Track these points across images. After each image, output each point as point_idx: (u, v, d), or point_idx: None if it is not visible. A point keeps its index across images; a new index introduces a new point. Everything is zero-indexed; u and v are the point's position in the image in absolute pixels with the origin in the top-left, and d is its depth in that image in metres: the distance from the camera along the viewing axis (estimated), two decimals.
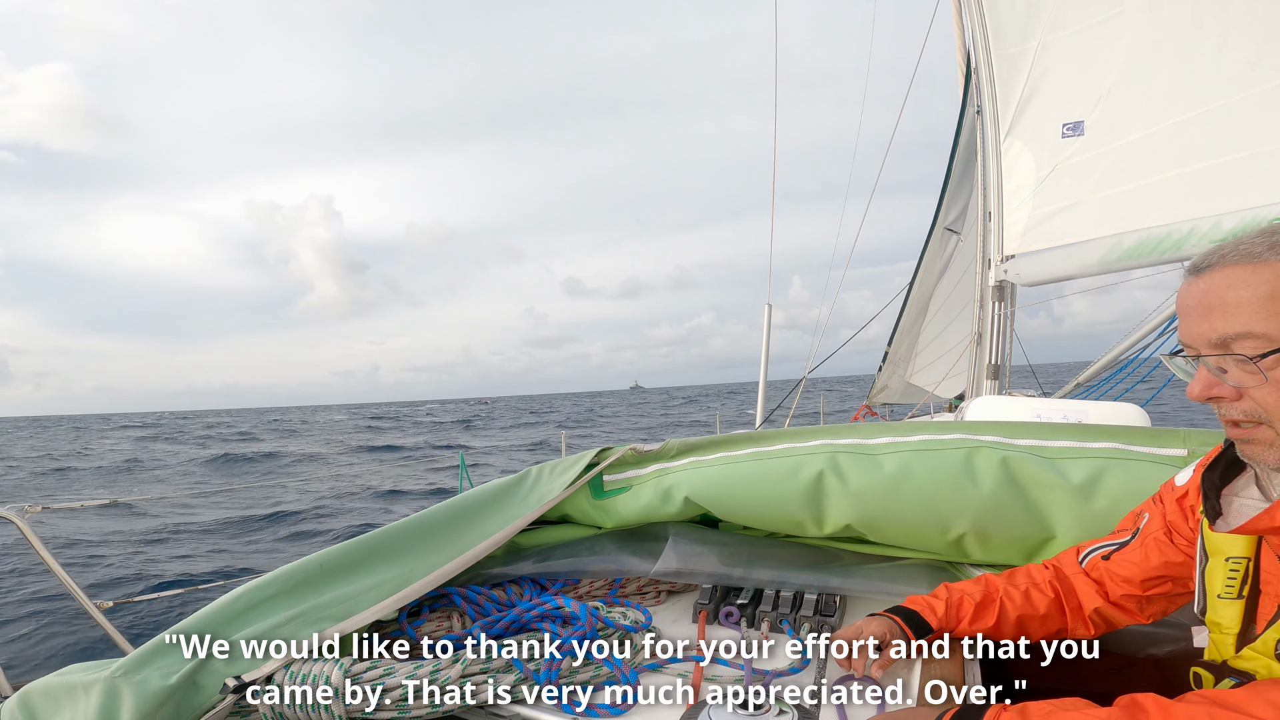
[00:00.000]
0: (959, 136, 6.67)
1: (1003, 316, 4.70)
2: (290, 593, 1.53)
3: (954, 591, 1.51)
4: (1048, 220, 4.44)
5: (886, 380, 7.48)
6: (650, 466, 2.02)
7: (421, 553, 1.71)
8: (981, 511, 1.70)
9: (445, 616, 1.72)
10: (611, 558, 1.91)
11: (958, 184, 6.82)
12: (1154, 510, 1.37)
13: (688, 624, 1.79)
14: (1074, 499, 1.66)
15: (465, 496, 1.89)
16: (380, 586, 1.59)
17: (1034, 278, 4.40)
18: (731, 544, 1.95)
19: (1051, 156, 4.44)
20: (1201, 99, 3.87)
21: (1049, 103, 4.48)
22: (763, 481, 1.87)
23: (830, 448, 1.86)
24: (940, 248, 6.93)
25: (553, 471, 2.01)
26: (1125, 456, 1.68)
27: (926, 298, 7.17)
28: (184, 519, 12.00)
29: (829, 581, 1.78)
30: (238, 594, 1.51)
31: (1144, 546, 1.35)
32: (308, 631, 1.46)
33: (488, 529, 1.80)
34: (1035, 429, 1.80)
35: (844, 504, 1.79)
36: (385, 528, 1.74)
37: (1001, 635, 1.47)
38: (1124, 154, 4.15)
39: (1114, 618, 1.42)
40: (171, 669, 1.35)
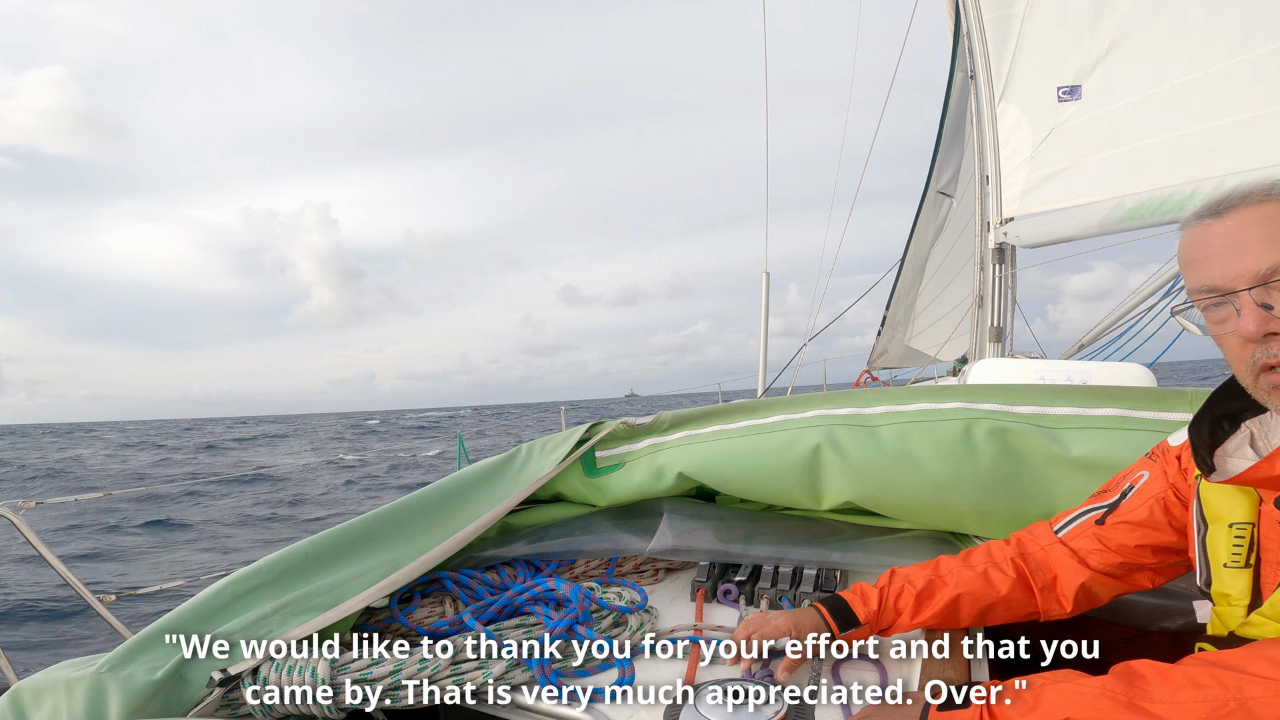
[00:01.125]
0: (948, 100, 6.58)
1: (1003, 279, 4.65)
2: (275, 583, 1.49)
3: (897, 579, 1.39)
4: (1046, 183, 4.39)
5: (885, 345, 7.43)
6: (643, 441, 1.98)
7: (410, 536, 1.66)
8: (981, 487, 1.65)
9: (438, 601, 1.69)
10: (606, 536, 1.86)
11: (948, 147, 6.75)
12: (1153, 468, 1.27)
13: (686, 602, 1.76)
14: (1075, 472, 1.60)
15: (454, 477, 1.85)
16: (368, 573, 1.55)
17: (1034, 239, 4.35)
18: (728, 519, 1.91)
19: (1048, 119, 4.39)
20: (1198, 61, 3.82)
21: (1041, 65, 4.43)
22: (758, 457, 1.82)
23: (827, 419, 1.81)
24: (934, 211, 6.86)
25: (543, 449, 1.96)
26: (1128, 425, 1.62)
27: (922, 261, 7.10)
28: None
29: (829, 556, 1.73)
30: (222, 585, 1.47)
31: (1148, 507, 1.24)
32: (295, 622, 1.42)
33: (478, 510, 1.76)
34: (1037, 394, 1.74)
35: (842, 479, 1.75)
36: (372, 512, 1.69)
37: (958, 624, 1.36)
38: (1122, 116, 4.10)
39: (1099, 590, 1.31)
40: (157, 663, 1.31)
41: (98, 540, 10.81)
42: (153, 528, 11.85)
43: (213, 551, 10.07)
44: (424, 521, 1.70)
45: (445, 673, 1.37)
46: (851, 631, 1.33)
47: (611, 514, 1.96)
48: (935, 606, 1.33)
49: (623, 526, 1.89)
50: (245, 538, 11.20)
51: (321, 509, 14.29)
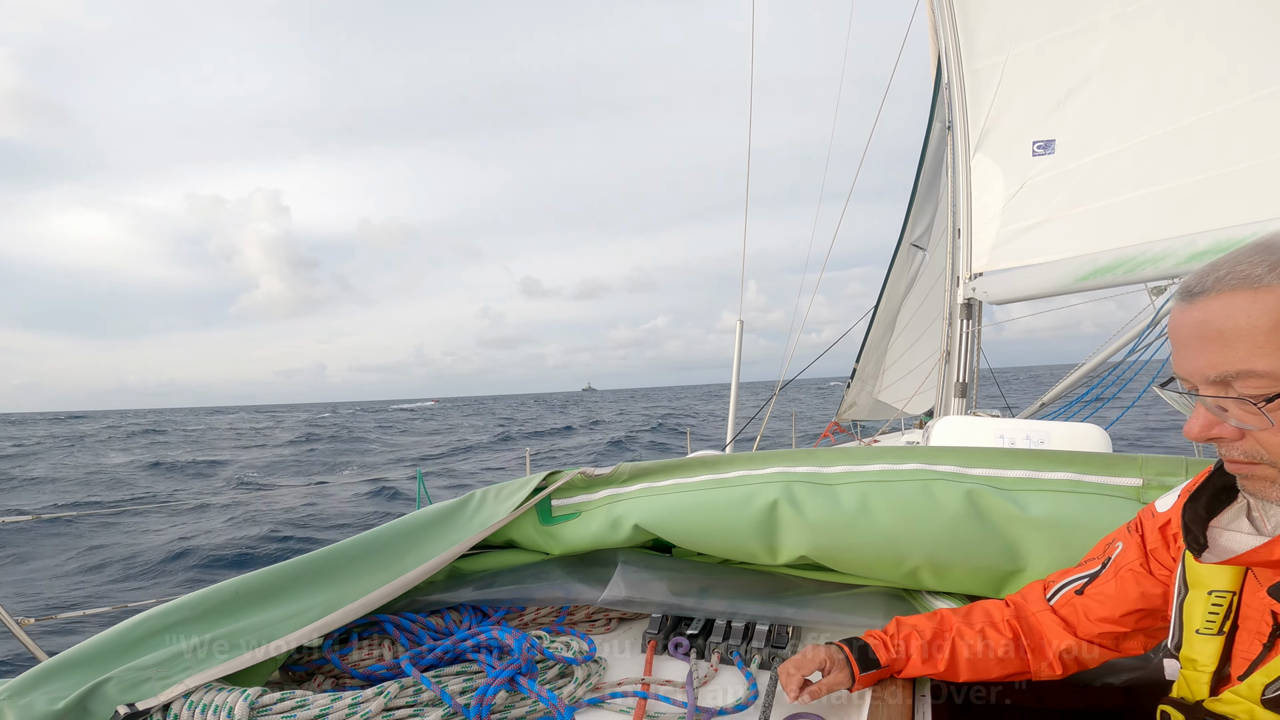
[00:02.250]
0: (925, 151, 6.67)
1: (970, 334, 4.67)
2: (199, 619, 1.43)
3: (904, 627, 1.43)
4: (1016, 238, 4.43)
5: (855, 397, 7.45)
6: (601, 491, 1.95)
7: (352, 578, 1.60)
8: (938, 544, 1.66)
9: (376, 644, 1.62)
10: (559, 584, 1.82)
11: (923, 199, 6.83)
12: (1129, 539, 1.28)
13: (636, 654, 1.71)
14: (1030, 530, 1.61)
15: (404, 520, 1.80)
16: (302, 614, 1.49)
17: (1002, 296, 4.38)
18: (684, 571, 1.87)
19: (1021, 173, 4.42)
20: (1171, 116, 3.87)
21: (1018, 119, 4.46)
22: (716, 510, 1.81)
23: (786, 476, 1.81)
24: (906, 264, 6.92)
25: (498, 495, 1.93)
26: (1078, 489, 1.65)
27: (893, 314, 7.15)
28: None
29: (782, 612, 1.71)
30: (140, 619, 1.41)
31: (1119, 578, 1.26)
32: (216, 660, 1.36)
33: (426, 554, 1.71)
34: (993, 457, 1.76)
35: (799, 534, 1.74)
36: (313, 553, 1.64)
37: (955, 677, 1.40)
38: (1093, 171, 4.14)
39: (1086, 656, 1.34)
40: (60, 694, 1.25)
41: None
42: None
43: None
44: (368, 564, 1.65)
45: (377, 716, 1.31)
46: (870, 674, 1.39)
47: (565, 562, 1.92)
48: (940, 657, 1.39)
49: (576, 575, 1.85)
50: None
51: None
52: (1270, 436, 0.88)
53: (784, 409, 9.78)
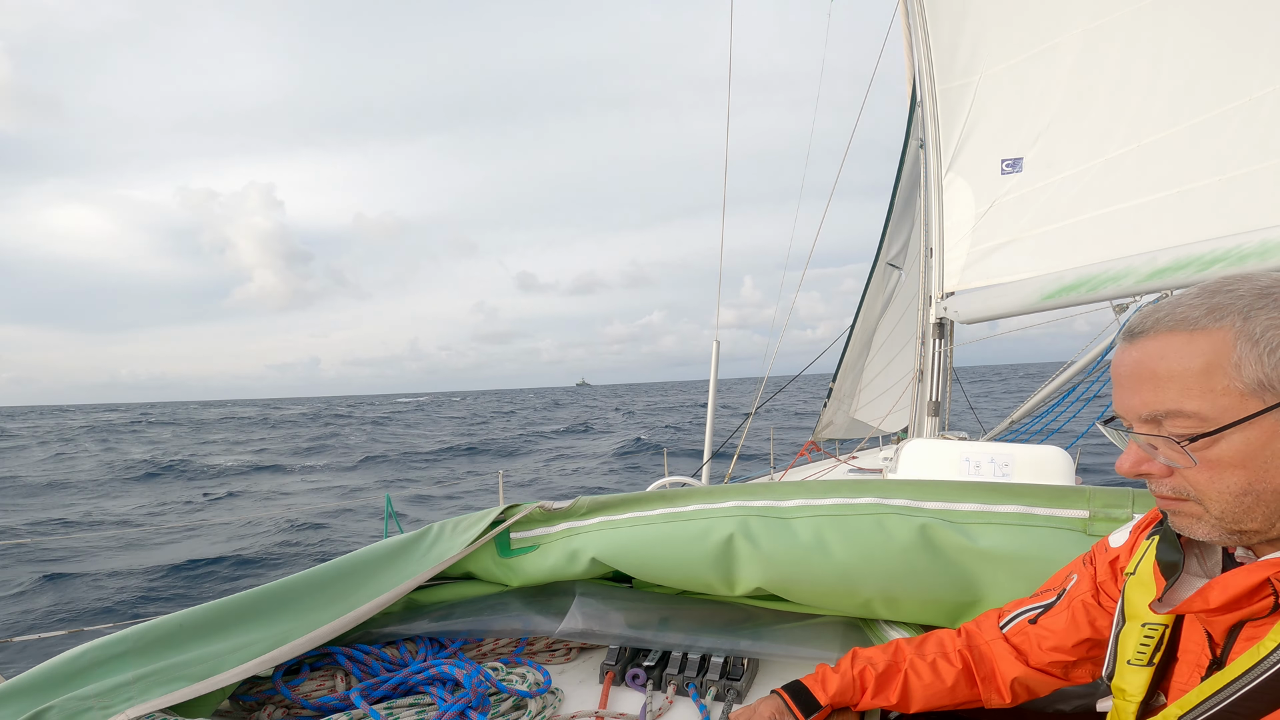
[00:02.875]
0: (901, 169, 6.71)
1: (943, 354, 4.70)
2: (143, 651, 1.41)
3: (859, 660, 1.44)
4: (986, 257, 4.45)
5: (831, 416, 7.48)
6: (559, 525, 1.96)
7: (303, 611, 1.59)
8: (891, 576, 1.68)
9: (329, 675, 1.61)
10: (517, 615, 1.83)
11: (899, 218, 6.87)
12: (1083, 572, 1.31)
13: (595, 685, 1.71)
14: (981, 562, 1.64)
15: (358, 553, 1.79)
16: (251, 646, 1.47)
17: (972, 315, 4.41)
18: (642, 603, 1.88)
19: (991, 192, 4.44)
20: (1133, 134, 3.90)
21: (988, 138, 4.48)
22: (673, 544, 1.82)
23: (742, 510, 1.82)
24: (883, 283, 6.97)
25: (455, 529, 1.93)
26: (1027, 521, 1.67)
27: (870, 333, 7.19)
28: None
29: (738, 644, 1.72)
30: (81, 651, 1.39)
31: (1070, 609, 1.29)
32: (159, 691, 1.33)
33: (380, 587, 1.70)
34: (945, 490, 1.78)
35: (754, 567, 1.75)
36: (262, 586, 1.62)
37: (907, 709, 1.41)
38: (1059, 190, 4.16)
39: (1036, 685, 1.37)
40: None
41: None
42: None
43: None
44: (319, 596, 1.64)
45: None
46: (814, 716, 1.39)
47: (524, 593, 1.92)
48: (893, 689, 1.40)
49: (535, 606, 1.85)
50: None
51: None
52: (1196, 474, 0.90)
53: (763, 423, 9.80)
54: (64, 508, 17.60)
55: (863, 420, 7.46)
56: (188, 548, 11.95)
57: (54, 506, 17.95)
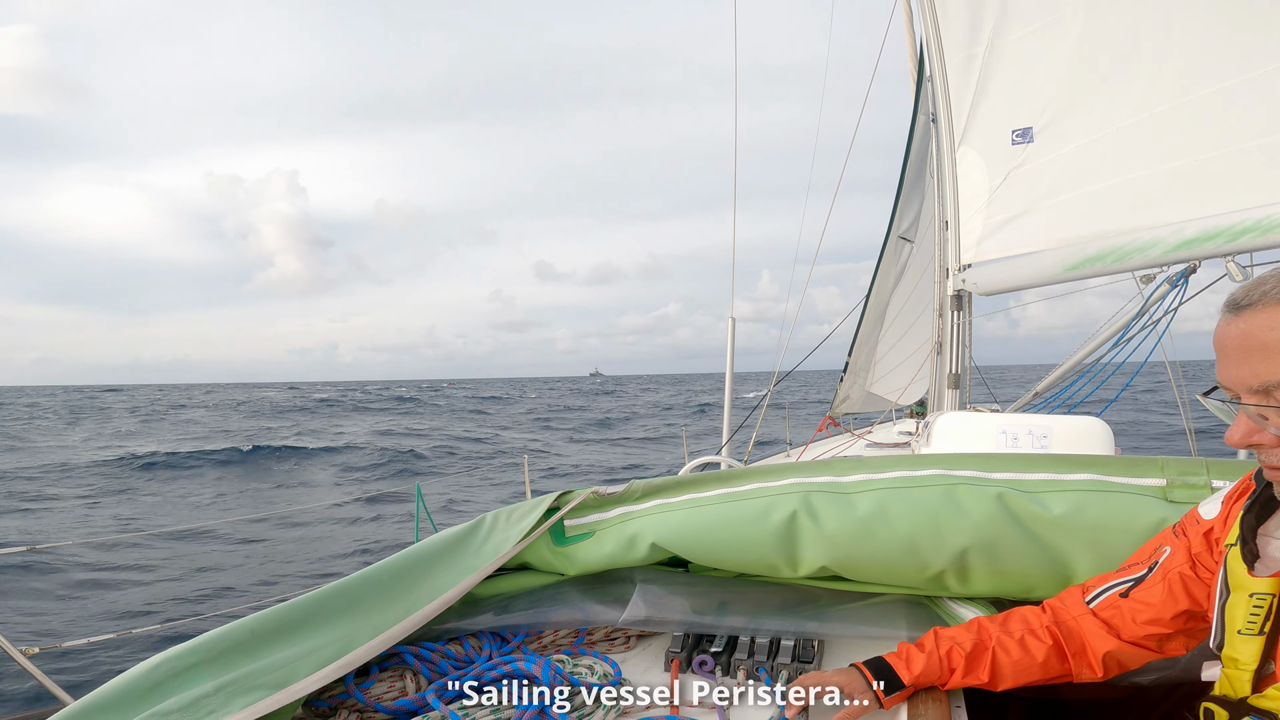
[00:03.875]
0: (910, 143, 6.67)
1: (962, 326, 4.69)
2: (216, 660, 1.39)
3: (943, 640, 1.43)
4: (1002, 228, 4.42)
5: (848, 390, 7.46)
6: (614, 510, 1.92)
7: (367, 611, 1.58)
8: (964, 549, 1.65)
9: (398, 676, 1.60)
10: (576, 606, 1.80)
11: (910, 191, 6.84)
12: (1176, 544, 1.31)
13: (659, 672, 1.69)
14: (1058, 531, 1.61)
15: (414, 549, 1.77)
16: (321, 650, 1.46)
17: (991, 287, 4.39)
18: (701, 587, 1.86)
19: (1003, 164, 4.41)
20: (1144, 104, 3.86)
21: (998, 108, 4.44)
22: (733, 525, 1.79)
23: (803, 487, 1.79)
24: (895, 256, 6.93)
25: (509, 519, 1.90)
26: (1104, 488, 1.64)
27: (883, 307, 7.16)
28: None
29: (805, 625, 1.69)
30: (155, 662, 1.37)
31: (1166, 582, 1.29)
32: (239, 702, 1.32)
33: (440, 583, 1.68)
34: (1011, 461, 1.76)
35: (818, 546, 1.73)
36: (325, 587, 1.61)
37: (996, 687, 1.40)
38: (1072, 160, 4.12)
39: (1128, 659, 1.37)
40: None
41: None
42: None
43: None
44: (383, 595, 1.62)
45: None
46: (895, 695, 1.38)
47: (581, 583, 1.90)
48: (982, 667, 1.39)
49: (593, 596, 1.83)
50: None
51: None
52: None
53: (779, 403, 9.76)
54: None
55: (879, 394, 7.45)
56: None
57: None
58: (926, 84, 5.40)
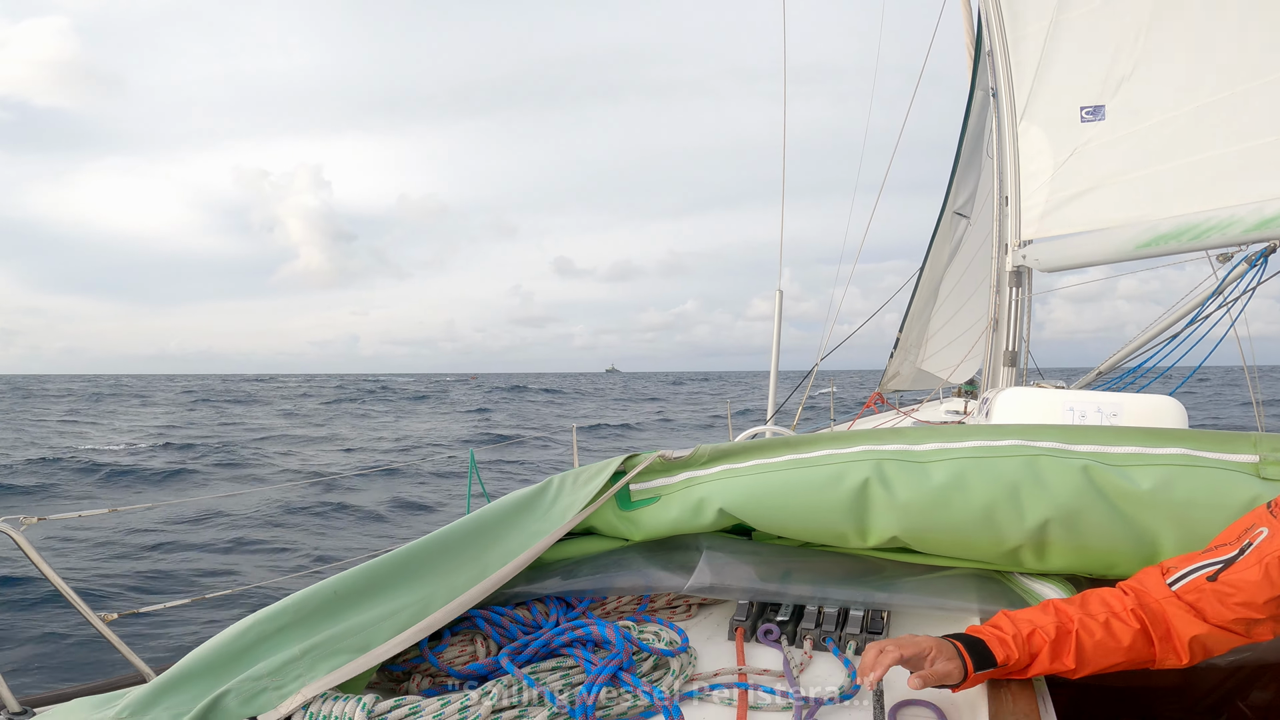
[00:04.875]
0: (967, 119, 6.53)
1: (1019, 302, 4.59)
2: (303, 622, 1.42)
3: (1021, 624, 1.35)
4: (1066, 205, 4.33)
5: (898, 367, 7.35)
6: (679, 475, 1.89)
7: (442, 574, 1.59)
8: (1042, 522, 1.59)
9: (469, 640, 1.62)
10: (640, 572, 1.79)
11: (965, 167, 6.69)
12: (1274, 524, 1.24)
13: (722, 641, 1.69)
14: (1146, 507, 1.54)
15: (484, 512, 1.78)
16: (399, 614, 1.48)
17: (1054, 263, 4.30)
18: (766, 555, 1.84)
19: (1070, 140, 4.32)
20: (1225, 82, 3.77)
21: (1064, 85, 4.36)
22: (802, 491, 1.75)
23: (875, 454, 1.73)
24: (950, 232, 6.79)
25: (575, 481, 1.88)
26: (1194, 463, 1.57)
27: (936, 283, 7.03)
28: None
29: (873, 596, 1.67)
30: (246, 625, 1.40)
31: (1263, 565, 1.22)
32: (324, 666, 1.35)
33: (510, 546, 1.69)
34: (1095, 433, 1.69)
35: (890, 515, 1.68)
36: (400, 549, 1.63)
37: (1079, 673, 1.34)
38: (1145, 138, 4.04)
39: (1215, 643, 1.30)
40: (181, 708, 1.25)
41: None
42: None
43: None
44: (455, 559, 1.63)
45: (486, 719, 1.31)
46: (985, 672, 1.30)
47: (645, 549, 1.88)
48: (1068, 653, 1.32)
49: (657, 562, 1.81)
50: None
51: None
52: None
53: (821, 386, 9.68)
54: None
55: (930, 371, 7.34)
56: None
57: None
58: (985, 58, 5.27)
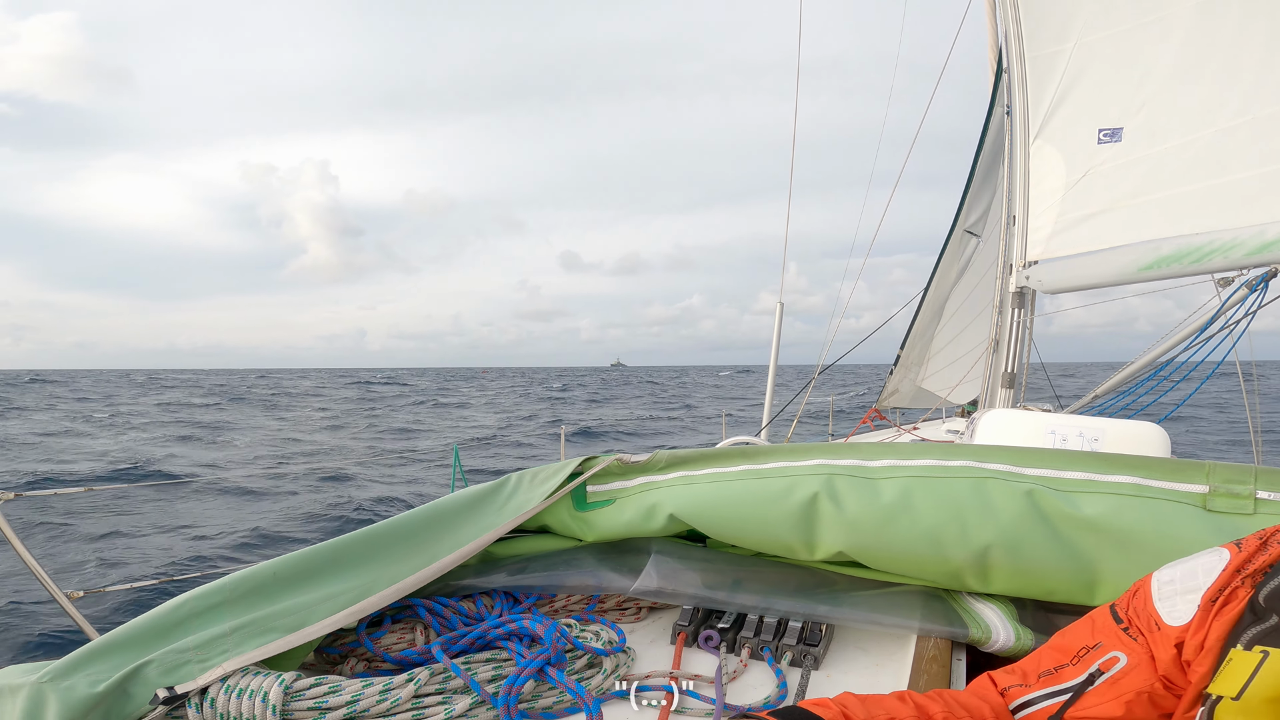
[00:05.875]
0: (985, 136, 6.48)
1: (1021, 324, 4.56)
2: (238, 601, 1.44)
3: (877, 709, 1.04)
4: (1075, 226, 4.31)
5: (897, 384, 7.31)
6: (636, 479, 1.92)
7: (386, 562, 1.61)
8: (987, 546, 1.59)
9: (409, 628, 1.63)
10: (590, 572, 1.80)
11: (980, 185, 6.64)
12: (1131, 651, 1.02)
13: (665, 645, 1.70)
14: (1089, 534, 1.54)
15: (438, 503, 1.80)
16: (338, 597, 1.50)
17: (1058, 285, 4.27)
18: (717, 563, 1.84)
19: (1084, 161, 4.31)
20: (1246, 107, 3.76)
21: (1083, 106, 4.35)
22: (753, 503, 1.77)
23: (827, 469, 1.75)
24: (959, 250, 6.75)
25: (533, 480, 1.91)
26: (1142, 493, 1.56)
27: (942, 301, 6.99)
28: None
29: (816, 609, 1.66)
30: (180, 601, 1.43)
31: (1123, 702, 1.00)
32: (253, 643, 1.37)
33: (460, 538, 1.71)
34: (1048, 457, 1.68)
35: (837, 530, 1.69)
36: (349, 535, 1.65)
37: None
38: (1161, 161, 4.03)
39: None
40: (100, 676, 1.27)
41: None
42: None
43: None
44: (402, 547, 1.65)
45: (405, 706, 1.32)
46: None
47: (597, 550, 1.90)
48: None
49: (608, 563, 1.83)
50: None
51: None
52: None
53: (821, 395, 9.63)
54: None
55: (929, 390, 7.30)
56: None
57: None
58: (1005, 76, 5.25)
